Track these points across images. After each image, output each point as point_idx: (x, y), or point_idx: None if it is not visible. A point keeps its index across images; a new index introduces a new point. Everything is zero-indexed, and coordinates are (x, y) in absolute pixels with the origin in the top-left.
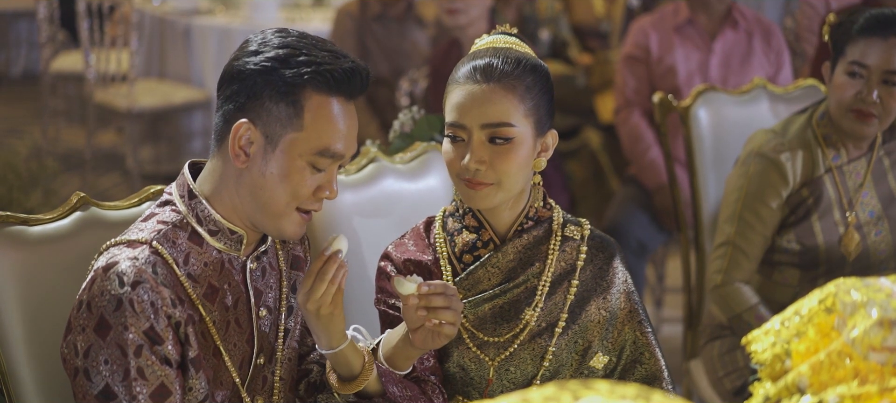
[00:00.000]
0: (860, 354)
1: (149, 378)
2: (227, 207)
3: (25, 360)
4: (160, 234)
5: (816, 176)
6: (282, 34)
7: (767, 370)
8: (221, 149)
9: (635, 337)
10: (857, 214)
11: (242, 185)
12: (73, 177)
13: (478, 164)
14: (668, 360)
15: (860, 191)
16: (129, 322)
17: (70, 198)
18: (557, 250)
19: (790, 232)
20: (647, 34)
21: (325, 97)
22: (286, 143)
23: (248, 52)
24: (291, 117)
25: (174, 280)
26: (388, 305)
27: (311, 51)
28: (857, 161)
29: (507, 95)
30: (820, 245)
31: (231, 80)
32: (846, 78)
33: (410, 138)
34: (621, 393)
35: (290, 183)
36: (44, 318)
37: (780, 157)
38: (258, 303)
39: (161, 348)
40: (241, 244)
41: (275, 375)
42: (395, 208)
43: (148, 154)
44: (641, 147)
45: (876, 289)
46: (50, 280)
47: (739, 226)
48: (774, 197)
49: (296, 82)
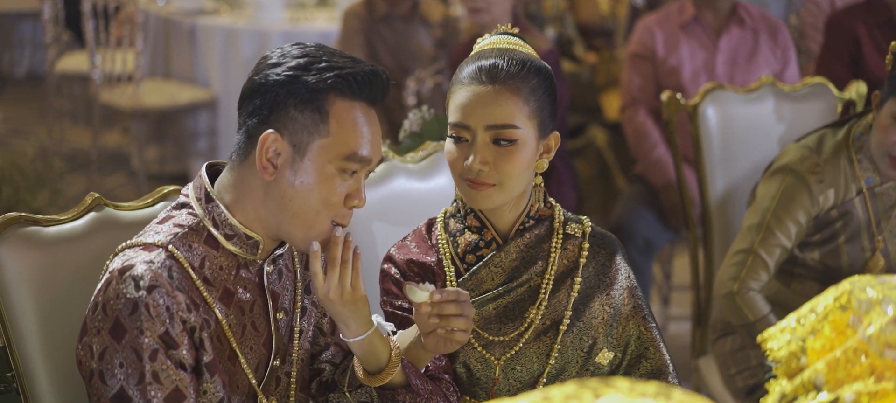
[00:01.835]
0: (876, 351)
1: (163, 383)
2: (250, 217)
3: (41, 360)
4: (176, 238)
5: (848, 198)
6: (300, 45)
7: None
8: (244, 163)
9: (639, 333)
10: (885, 239)
11: (270, 198)
12: (79, 178)
13: (481, 165)
14: (677, 358)
15: (890, 213)
16: (144, 326)
17: (84, 198)
18: (559, 248)
19: (815, 251)
20: (653, 32)
21: (349, 102)
22: (314, 151)
23: (269, 65)
24: (317, 123)
25: (190, 284)
26: (394, 306)
27: (332, 58)
28: (889, 182)
29: (512, 97)
30: (844, 266)
31: (253, 95)
32: (892, 121)
33: (420, 137)
34: (642, 391)
35: (322, 190)
36: (59, 318)
37: (812, 179)
38: (275, 306)
39: (176, 352)
40: (257, 249)
41: (290, 376)
42: (407, 207)
43: (153, 154)
44: (647, 145)
45: (891, 286)
46: (65, 280)
47: (765, 236)
48: (803, 214)
49: (319, 88)
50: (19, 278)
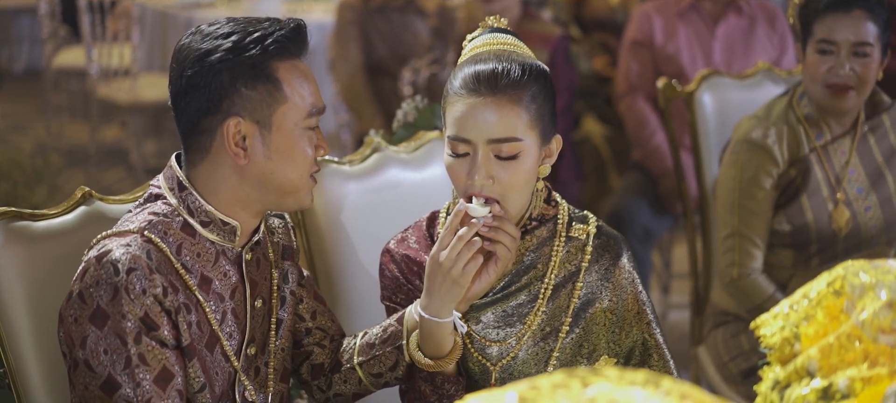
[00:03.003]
0: (870, 336)
1: (151, 364)
2: (226, 202)
3: (33, 356)
4: (151, 225)
5: (801, 155)
6: (215, 26)
7: (777, 353)
8: (209, 157)
9: (644, 339)
10: (846, 190)
11: (246, 180)
12: (78, 173)
13: (485, 180)
14: (676, 347)
15: (847, 169)
16: (125, 310)
17: (74, 192)
18: (561, 252)
19: (781, 213)
20: (651, 19)
21: (289, 62)
22: (279, 120)
23: (198, 56)
24: (272, 93)
25: (169, 267)
26: (393, 301)
27: (257, 26)
28: (841, 139)
29: (513, 108)
30: (810, 223)
31: (193, 90)
32: (817, 56)
33: (414, 127)
34: (631, 379)
35: (297, 154)
36: (50, 313)
37: (767, 141)
38: (253, 294)
39: (157, 333)
40: (234, 235)
41: (268, 366)
42: (400, 197)
43: (152, 148)
44: (647, 132)
45: (885, 271)
46: (56, 275)
47: (741, 215)
48: (767, 178)
49: (263, 59)
50: (10, 273)
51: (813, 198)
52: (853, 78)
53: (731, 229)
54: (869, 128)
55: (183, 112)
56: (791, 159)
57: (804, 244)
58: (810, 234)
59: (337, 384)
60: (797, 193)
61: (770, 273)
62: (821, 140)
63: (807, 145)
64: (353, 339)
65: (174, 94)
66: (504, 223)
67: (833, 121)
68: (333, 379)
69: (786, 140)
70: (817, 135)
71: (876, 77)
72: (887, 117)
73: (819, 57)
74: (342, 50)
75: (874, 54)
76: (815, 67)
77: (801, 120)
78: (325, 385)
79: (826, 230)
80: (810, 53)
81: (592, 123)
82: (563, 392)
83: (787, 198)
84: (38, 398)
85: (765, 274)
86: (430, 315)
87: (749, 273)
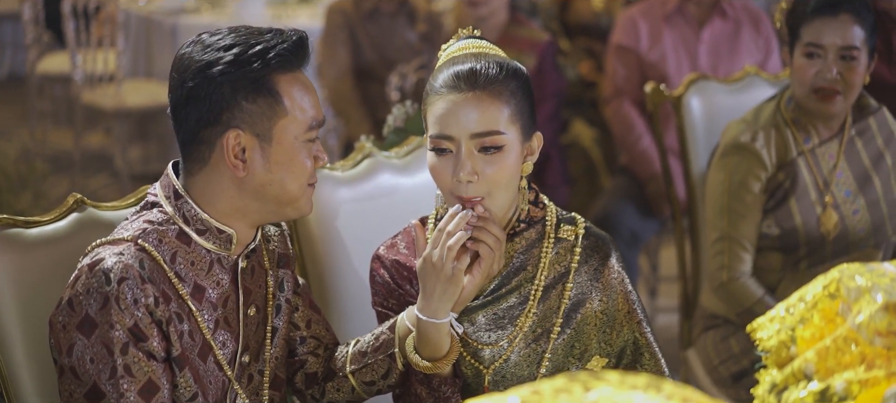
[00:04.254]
0: (866, 339)
1: (136, 375)
2: (224, 211)
3: (24, 362)
4: (146, 233)
5: (789, 159)
6: (217, 36)
7: (773, 357)
8: (207, 167)
9: (635, 338)
10: (834, 194)
11: (245, 191)
12: (63, 179)
13: (470, 176)
14: (664, 350)
15: (834, 172)
16: (114, 319)
17: (66, 199)
18: (550, 253)
19: (769, 217)
20: (636, 24)
21: (290, 74)
22: (279, 133)
23: (199, 67)
24: (272, 106)
25: (162, 276)
26: (385, 306)
27: (259, 37)
28: (829, 143)
29: (494, 102)
30: (798, 226)
31: (194, 101)
32: (805, 60)
33: (405, 132)
34: (632, 384)
35: (296, 166)
36: (42, 320)
37: (755, 145)
38: (247, 302)
39: (146, 344)
40: (230, 243)
41: (263, 375)
42: (391, 203)
43: (137, 154)
44: (633, 136)
45: (880, 274)
46: (48, 282)
47: (731, 218)
48: (756, 181)
49: (265, 73)
50: (2, 280)
51: (801, 202)
52: (840, 82)
53: (720, 233)
54: (856, 132)
55: (182, 122)
56: (779, 163)
57: (793, 247)
58: (799, 238)
59: (330, 392)
60: (785, 197)
61: (759, 276)
62: (809, 144)
63: (795, 149)
64: (346, 347)
65: (174, 104)
66: (488, 223)
67: (820, 124)
68: (327, 388)
69: (774, 144)
70: (805, 138)
71: (863, 81)
72: (874, 121)
73: (806, 61)
74: (330, 54)
75: (861, 58)
76: (803, 71)
77: (788, 123)
78: (318, 393)
79: (814, 233)
80: (797, 57)
81: (581, 126)
82: (565, 397)
83: (776, 201)
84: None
85: (754, 278)
86: (427, 316)
87: (738, 276)
